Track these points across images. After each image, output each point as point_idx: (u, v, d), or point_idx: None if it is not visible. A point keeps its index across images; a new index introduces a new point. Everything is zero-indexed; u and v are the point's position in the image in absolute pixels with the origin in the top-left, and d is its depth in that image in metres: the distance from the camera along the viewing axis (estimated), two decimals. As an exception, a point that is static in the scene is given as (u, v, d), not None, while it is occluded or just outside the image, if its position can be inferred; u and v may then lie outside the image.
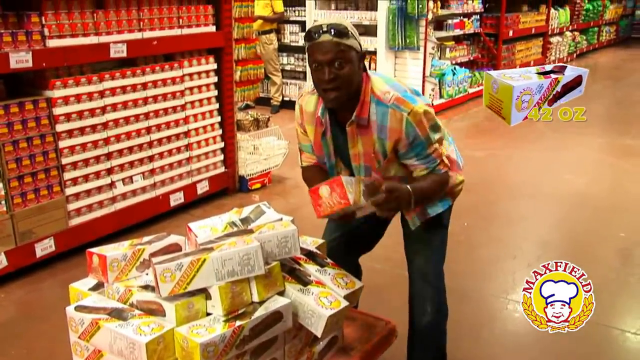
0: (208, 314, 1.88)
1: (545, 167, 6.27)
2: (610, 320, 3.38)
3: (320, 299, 1.96)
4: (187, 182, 4.88)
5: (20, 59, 3.59)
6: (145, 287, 1.96)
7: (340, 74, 2.09)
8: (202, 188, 5.01)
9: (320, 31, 2.09)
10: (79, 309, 1.96)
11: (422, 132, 2.14)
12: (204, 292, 1.88)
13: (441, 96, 8.86)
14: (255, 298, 1.90)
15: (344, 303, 1.99)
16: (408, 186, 2.14)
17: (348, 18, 8.49)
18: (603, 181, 5.85)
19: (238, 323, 1.81)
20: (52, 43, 3.79)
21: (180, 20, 4.63)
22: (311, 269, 2.14)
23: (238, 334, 1.80)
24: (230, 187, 5.34)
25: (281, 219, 2.20)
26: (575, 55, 14.44)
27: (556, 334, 3.21)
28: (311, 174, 2.47)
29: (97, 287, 2.10)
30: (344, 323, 2.16)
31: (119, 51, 4.14)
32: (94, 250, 2.09)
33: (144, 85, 4.40)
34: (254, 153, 5.66)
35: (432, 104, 8.33)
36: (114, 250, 2.06)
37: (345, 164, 2.39)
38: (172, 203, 4.72)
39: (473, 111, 9.10)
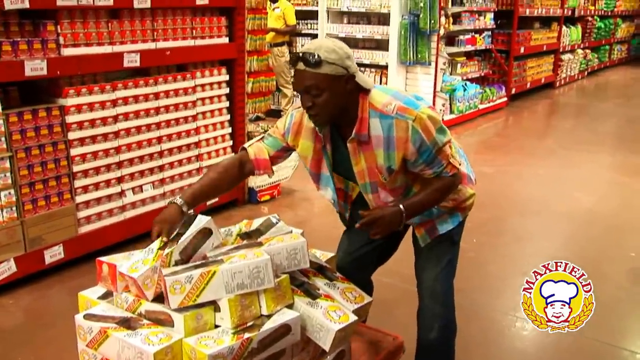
0: (216, 326, 1.88)
1: (554, 184, 6.25)
2: (620, 341, 3.35)
3: (329, 312, 1.96)
4: (197, 193, 4.88)
5: (35, 67, 3.62)
6: (154, 297, 1.96)
7: (317, 102, 2.08)
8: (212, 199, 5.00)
9: (297, 59, 2.07)
10: (88, 317, 1.96)
11: (428, 137, 2.13)
12: (213, 304, 1.88)
13: (452, 112, 8.86)
14: (264, 311, 1.90)
15: (353, 317, 1.99)
16: (400, 205, 2.17)
17: (360, 32, 8.53)
18: (613, 200, 5.82)
19: (246, 335, 1.81)
20: (67, 52, 3.82)
21: (194, 31, 4.66)
22: (320, 282, 2.14)
23: (246, 346, 1.80)
24: (239, 198, 5.35)
25: (291, 232, 2.21)
26: (586, 72, 14.43)
27: (565, 353, 3.21)
28: (226, 163, 2.38)
29: (106, 295, 2.11)
30: (351, 337, 2.16)
31: (132, 61, 4.17)
32: (103, 259, 2.10)
33: (156, 95, 4.43)
34: (264, 165, 5.65)
35: (443, 119, 8.35)
36: (124, 259, 2.06)
37: (347, 177, 2.38)
38: (181, 213, 4.72)
39: (483, 127, 9.10)
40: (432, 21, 7.78)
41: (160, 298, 1.92)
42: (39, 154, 3.76)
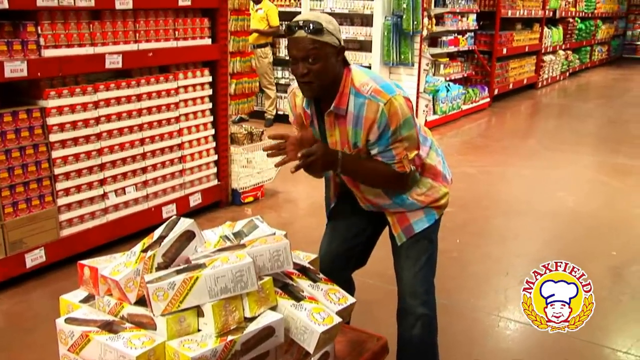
0: (199, 330, 1.87)
1: (537, 184, 6.29)
2: (601, 339, 3.37)
3: (313, 314, 1.95)
4: (180, 195, 4.87)
5: (15, 68, 3.58)
6: (137, 300, 1.95)
7: (313, 69, 2.15)
8: (195, 200, 4.99)
9: (297, 27, 2.15)
10: (69, 321, 1.94)
11: (392, 124, 2.18)
12: (196, 307, 1.86)
13: (435, 112, 8.89)
14: (247, 313, 1.89)
15: (337, 319, 1.98)
16: (340, 152, 2.26)
17: (343, 33, 8.51)
18: (595, 199, 5.88)
19: (230, 338, 1.80)
20: (48, 53, 3.79)
21: (176, 33, 4.64)
22: (304, 284, 2.13)
23: (230, 348, 1.79)
24: (223, 200, 5.33)
25: (274, 234, 2.20)
26: (568, 73, 14.55)
27: (548, 352, 3.23)
28: None
29: (88, 299, 2.08)
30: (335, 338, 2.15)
31: (114, 62, 4.14)
32: (85, 262, 2.08)
33: (139, 97, 4.40)
34: (247, 166, 5.65)
35: (426, 120, 8.38)
36: (106, 263, 2.04)
37: None
38: (165, 215, 4.69)
39: (466, 128, 9.14)
40: (415, 22, 7.80)
41: (142, 301, 1.91)
42: (20, 156, 3.72)
